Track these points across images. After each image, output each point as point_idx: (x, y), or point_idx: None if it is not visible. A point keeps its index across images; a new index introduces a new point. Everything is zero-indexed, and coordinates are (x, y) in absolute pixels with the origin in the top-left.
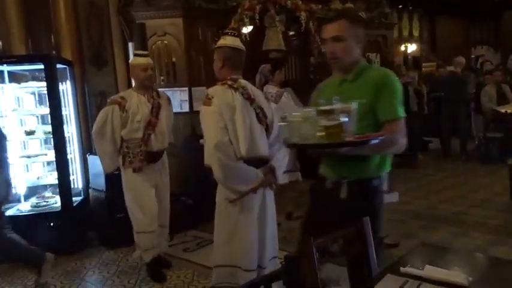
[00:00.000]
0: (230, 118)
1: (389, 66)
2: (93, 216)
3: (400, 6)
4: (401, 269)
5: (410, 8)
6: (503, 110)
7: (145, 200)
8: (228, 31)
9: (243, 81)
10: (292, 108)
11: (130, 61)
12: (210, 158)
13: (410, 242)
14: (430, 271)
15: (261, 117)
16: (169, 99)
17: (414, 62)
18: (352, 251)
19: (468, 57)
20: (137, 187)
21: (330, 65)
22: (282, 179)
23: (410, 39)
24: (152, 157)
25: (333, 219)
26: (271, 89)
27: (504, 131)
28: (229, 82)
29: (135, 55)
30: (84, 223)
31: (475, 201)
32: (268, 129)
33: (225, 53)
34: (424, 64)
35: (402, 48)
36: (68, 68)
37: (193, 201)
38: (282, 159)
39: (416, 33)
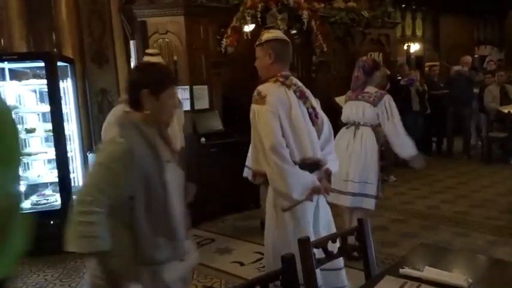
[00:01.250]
0: (287, 117)
1: (391, 65)
2: None
3: (404, 5)
4: (401, 270)
5: (414, 7)
6: (506, 110)
7: None
8: (270, 25)
9: (294, 79)
10: None
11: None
12: (264, 162)
13: (411, 241)
14: (430, 273)
15: (313, 118)
16: (180, 102)
17: (417, 61)
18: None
19: (472, 57)
20: None
21: (330, 64)
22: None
23: (413, 38)
24: None
25: None
26: None
27: (507, 131)
28: (281, 79)
29: (146, 54)
30: None
31: (477, 201)
32: (318, 130)
33: (274, 48)
34: (426, 64)
35: (405, 47)
36: (69, 66)
37: (194, 200)
38: (334, 164)
39: (419, 33)
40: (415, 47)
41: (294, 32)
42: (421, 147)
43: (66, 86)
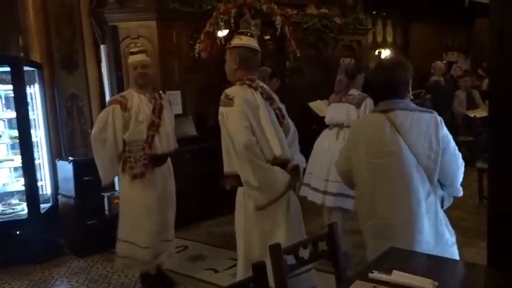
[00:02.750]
0: (254, 118)
1: (364, 71)
2: (63, 224)
3: (374, 12)
4: (370, 274)
5: (384, 14)
6: (472, 115)
7: (145, 212)
8: (243, 31)
9: (260, 82)
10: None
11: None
12: (238, 161)
13: None
14: (397, 276)
15: (280, 118)
16: (169, 102)
17: None
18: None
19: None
20: (137, 196)
21: (303, 70)
22: None
23: (384, 44)
24: (156, 161)
25: None
26: None
27: (473, 135)
28: (248, 82)
29: (129, 53)
30: (53, 231)
31: None
32: (285, 130)
33: (240, 54)
34: None
35: (376, 53)
36: (36, 71)
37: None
38: (301, 161)
39: (390, 39)
40: (386, 53)
41: (267, 37)
42: None
43: (34, 92)
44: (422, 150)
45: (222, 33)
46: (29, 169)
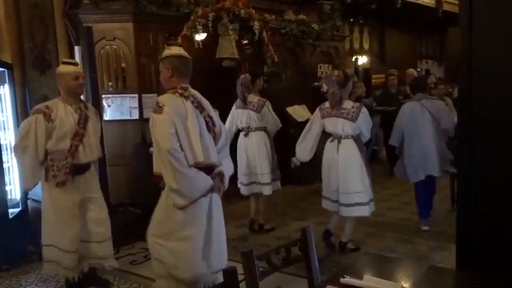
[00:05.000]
0: (182, 125)
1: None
2: (32, 229)
3: (351, 20)
4: (341, 279)
5: (361, 21)
6: None
7: (69, 217)
8: (171, 42)
9: (192, 90)
10: (272, 119)
11: (58, 69)
12: (162, 165)
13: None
14: (368, 281)
15: (210, 125)
16: (96, 112)
17: (364, 73)
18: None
19: (416, 71)
20: (60, 203)
21: (281, 75)
22: (267, 190)
23: (360, 51)
24: (79, 169)
25: None
26: (252, 99)
27: (446, 140)
28: (180, 91)
29: (63, 63)
30: (22, 236)
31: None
32: (215, 137)
33: (172, 63)
34: (374, 75)
35: (353, 59)
36: (6, 71)
37: (141, 211)
38: (229, 166)
39: (366, 46)
40: (362, 60)
41: (245, 42)
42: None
43: (3, 93)
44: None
45: (200, 36)
46: None
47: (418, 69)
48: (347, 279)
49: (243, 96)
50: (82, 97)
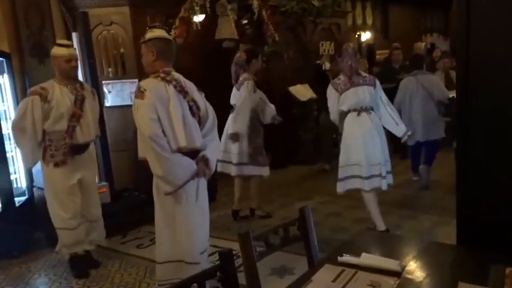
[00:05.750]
0: (164, 110)
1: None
2: (39, 217)
3: None
4: (339, 258)
5: None
6: (450, 95)
7: (67, 195)
8: (154, 24)
9: (176, 74)
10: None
11: (52, 51)
12: (146, 150)
13: (363, 227)
14: (366, 259)
15: (194, 110)
16: (94, 92)
17: (368, 49)
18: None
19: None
20: (59, 182)
21: (283, 54)
22: (234, 170)
23: (363, 27)
24: (77, 149)
25: None
26: (242, 77)
27: (451, 115)
28: (162, 75)
29: (57, 45)
30: (29, 224)
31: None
32: (200, 122)
33: (156, 46)
34: (378, 52)
35: (356, 36)
36: (4, 61)
37: (146, 195)
38: (215, 150)
39: (369, 21)
40: (366, 36)
41: (244, 22)
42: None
43: (3, 82)
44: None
45: (198, 18)
46: (0, 162)
47: (424, 43)
48: (344, 258)
49: (236, 76)
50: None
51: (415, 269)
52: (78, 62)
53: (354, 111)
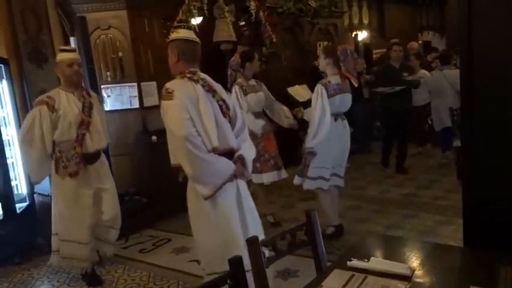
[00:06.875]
0: (195, 110)
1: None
2: (41, 223)
3: None
4: (348, 262)
5: None
6: None
7: (80, 209)
8: (180, 24)
9: (202, 74)
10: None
11: (56, 58)
12: (179, 153)
13: (364, 227)
14: (375, 263)
15: (224, 109)
16: (99, 99)
17: (365, 49)
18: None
19: (417, 43)
20: (73, 194)
21: (280, 55)
22: (268, 178)
23: (360, 26)
24: (89, 158)
25: None
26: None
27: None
28: (188, 75)
29: (60, 50)
30: (31, 230)
31: (424, 182)
32: (231, 121)
33: (179, 47)
34: (374, 51)
35: (353, 35)
36: (3, 66)
37: (147, 199)
38: (249, 150)
39: (366, 21)
40: (362, 35)
41: (242, 23)
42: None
43: (2, 88)
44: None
45: (196, 20)
46: (1, 168)
47: (419, 42)
48: (354, 262)
49: (231, 80)
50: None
51: (424, 272)
52: (81, 68)
53: (332, 116)
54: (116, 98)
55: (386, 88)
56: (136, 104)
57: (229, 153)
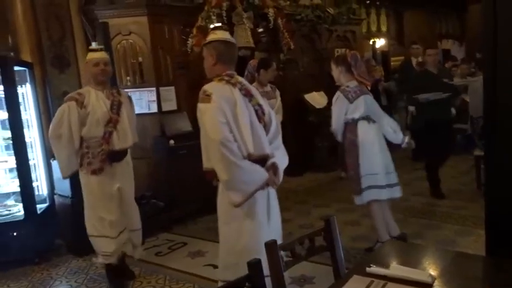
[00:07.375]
0: (231, 114)
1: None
2: (60, 224)
3: (368, 2)
4: (367, 269)
5: (378, 3)
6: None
7: (106, 204)
8: (217, 25)
9: (239, 77)
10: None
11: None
12: (213, 157)
13: None
14: (395, 270)
15: (260, 114)
16: (130, 98)
17: (383, 56)
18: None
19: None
20: (97, 190)
21: (298, 62)
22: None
23: (378, 34)
24: (115, 156)
25: None
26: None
27: (470, 122)
28: (226, 78)
29: (89, 50)
30: (51, 231)
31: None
32: (266, 127)
33: (216, 49)
34: (392, 58)
35: (371, 43)
36: (27, 70)
37: (164, 203)
38: (283, 157)
39: (384, 28)
40: (380, 42)
41: (260, 30)
42: None
43: (25, 92)
44: None
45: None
46: (23, 170)
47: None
48: (373, 269)
49: (247, 80)
50: None
51: (445, 280)
52: (108, 66)
53: (364, 120)
54: (135, 102)
55: (430, 94)
56: (154, 109)
57: (262, 160)
